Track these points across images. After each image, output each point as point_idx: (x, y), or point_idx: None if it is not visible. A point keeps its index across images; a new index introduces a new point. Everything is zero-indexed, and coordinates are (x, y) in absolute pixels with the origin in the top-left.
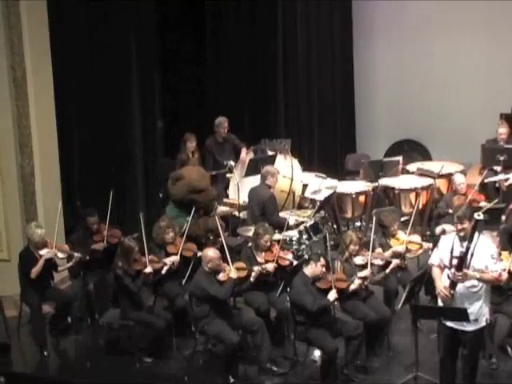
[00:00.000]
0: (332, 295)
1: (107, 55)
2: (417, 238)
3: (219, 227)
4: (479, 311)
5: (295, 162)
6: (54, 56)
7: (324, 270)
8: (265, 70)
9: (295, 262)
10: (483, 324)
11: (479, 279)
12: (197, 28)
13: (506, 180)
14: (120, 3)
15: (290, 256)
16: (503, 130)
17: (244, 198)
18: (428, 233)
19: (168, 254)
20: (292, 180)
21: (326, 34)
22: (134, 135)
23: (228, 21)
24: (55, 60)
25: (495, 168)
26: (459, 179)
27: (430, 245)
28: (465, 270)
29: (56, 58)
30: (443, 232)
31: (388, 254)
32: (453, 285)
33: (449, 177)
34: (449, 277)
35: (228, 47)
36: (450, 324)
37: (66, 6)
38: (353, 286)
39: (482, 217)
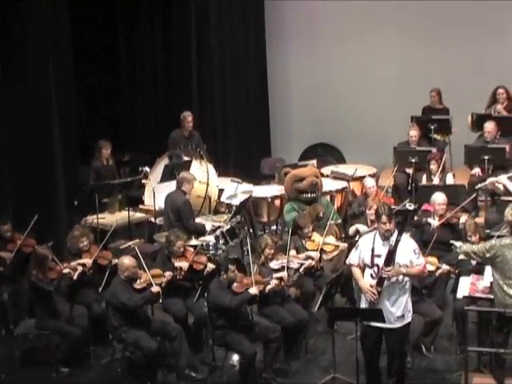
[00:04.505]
0: (253, 290)
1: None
2: (332, 239)
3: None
4: (405, 307)
5: (210, 167)
6: None
7: (238, 273)
8: (179, 76)
9: (209, 266)
10: (409, 320)
11: (406, 274)
12: (111, 37)
13: (495, 183)
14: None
15: (204, 259)
16: (414, 133)
17: (160, 204)
18: (343, 235)
19: None
20: (208, 185)
21: (239, 39)
22: (53, 142)
23: (142, 24)
24: None
25: (407, 170)
26: (369, 183)
27: (346, 245)
28: (392, 267)
29: None
30: (357, 232)
31: (302, 256)
32: (380, 282)
33: (362, 179)
34: (372, 276)
35: (141, 53)
36: (376, 324)
37: None
38: (269, 287)
39: (413, 207)
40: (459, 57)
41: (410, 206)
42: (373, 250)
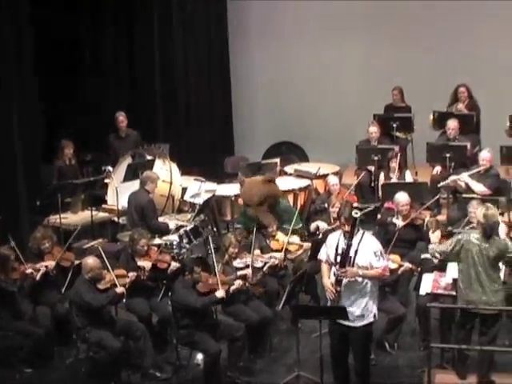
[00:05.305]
0: (220, 293)
1: None
2: (296, 238)
3: None
4: (365, 307)
5: (174, 166)
6: None
7: (202, 273)
8: (142, 76)
9: (173, 264)
10: (371, 320)
11: (363, 276)
12: (73, 37)
13: (456, 181)
14: None
15: (167, 258)
16: (374, 129)
17: (123, 204)
18: (306, 233)
19: None
20: (171, 184)
21: (202, 37)
22: (14, 142)
23: (105, 26)
24: None
25: (369, 168)
26: (332, 180)
27: (309, 244)
28: (348, 267)
29: None
30: (317, 229)
31: (266, 257)
32: (338, 282)
33: (325, 177)
34: (335, 274)
35: (106, 55)
36: (339, 321)
37: None
38: (233, 287)
39: (359, 214)
40: (421, 56)
41: (356, 214)
42: (337, 248)
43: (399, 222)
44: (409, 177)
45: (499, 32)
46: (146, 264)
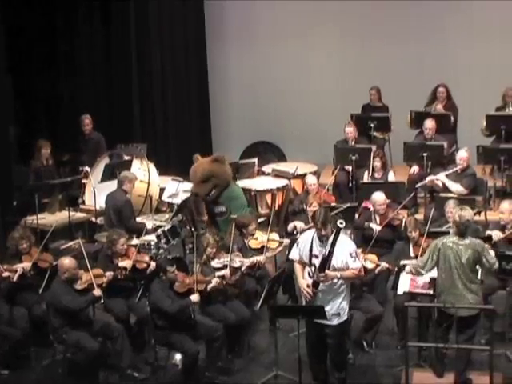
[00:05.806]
0: (194, 297)
1: None
2: (275, 235)
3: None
4: (340, 306)
5: (151, 166)
6: None
7: (179, 273)
8: (119, 75)
9: (152, 265)
10: (345, 317)
11: (341, 277)
12: (49, 33)
13: (434, 181)
14: None
15: (146, 259)
16: (350, 129)
17: (101, 204)
18: (284, 233)
19: None
20: (149, 184)
21: (179, 37)
22: None
23: (81, 26)
24: None
25: (347, 168)
26: (310, 180)
27: (289, 241)
28: (327, 271)
29: None
30: (294, 228)
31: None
32: (315, 284)
33: (303, 177)
34: (310, 275)
35: (81, 54)
36: (316, 320)
37: None
38: (211, 285)
39: (344, 225)
40: (399, 55)
41: (341, 224)
42: (311, 250)
43: (376, 227)
44: (392, 177)
45: (476, 32)
46: (126, 264)
